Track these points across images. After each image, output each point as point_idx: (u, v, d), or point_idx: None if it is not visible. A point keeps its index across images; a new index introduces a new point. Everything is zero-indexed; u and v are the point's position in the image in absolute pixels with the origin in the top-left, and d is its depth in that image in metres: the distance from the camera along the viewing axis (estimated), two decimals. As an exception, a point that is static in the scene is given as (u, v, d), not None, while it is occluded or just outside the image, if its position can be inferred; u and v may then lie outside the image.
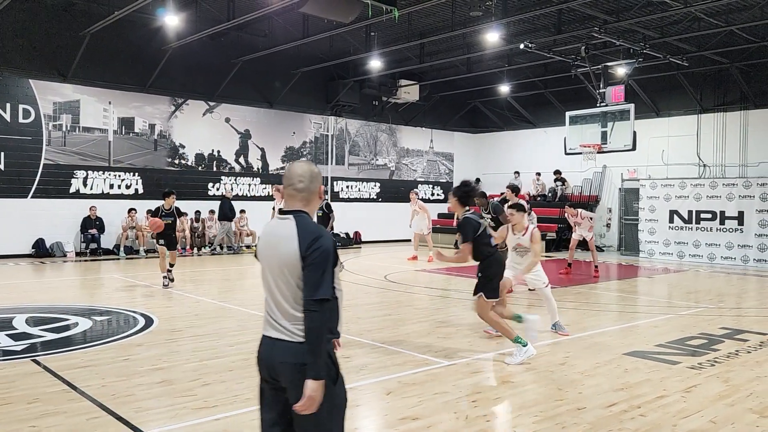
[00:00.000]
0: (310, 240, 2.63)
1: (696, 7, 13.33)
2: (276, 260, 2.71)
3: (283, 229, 2.73)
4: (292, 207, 2.79)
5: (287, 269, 2.66)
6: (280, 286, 2.70)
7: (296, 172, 2.80)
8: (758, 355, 6.63)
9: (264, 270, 2.79)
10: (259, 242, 2.86)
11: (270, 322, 2.75)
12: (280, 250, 2.69)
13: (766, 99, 18.38)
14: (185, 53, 17.38)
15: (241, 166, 19.61)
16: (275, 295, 2.72)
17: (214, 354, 6.44)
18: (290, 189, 2.80)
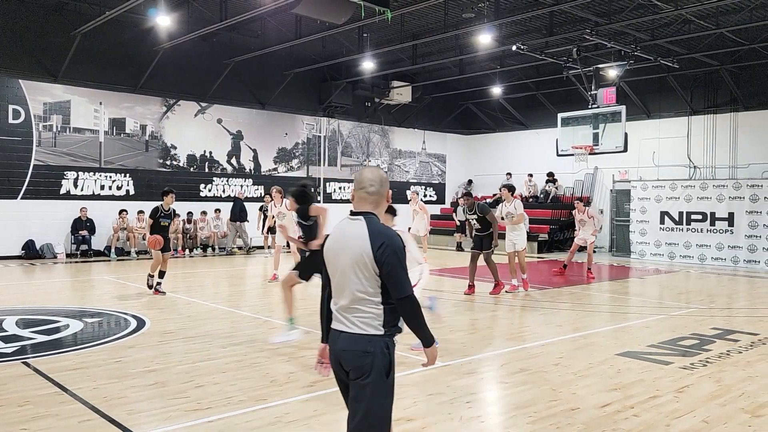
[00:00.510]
0: (381, 242, 2.82)
1: (686, 9, 13.42)
2: (347, 258, 2.89)
3: (354, 230, 2.92)
4: (362, 209, 2.97)
5: (358, 267, 2.85)
6: (350, 280, 2.88)
7: (368, 177, 2.99)
8: (749, 356, 6.68)
9: (331, 266, 2.99)
10: (328, 241, 3.04)
11: (336, 316, 2.96)
12: (351, 249, 2.88)
13: (755, 101, 18.54)
14: (177, 54, 17.31)
15: (233, 167, 19.56)
16: (343, 290, 2.92)
17: (206, 356, 6.41)
18: (362, 192, 2.98)
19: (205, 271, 14.44)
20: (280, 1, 12.50)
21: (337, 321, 2.95)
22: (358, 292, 2.87)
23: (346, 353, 2.87)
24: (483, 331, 7.91)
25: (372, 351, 2.82)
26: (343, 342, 2.88)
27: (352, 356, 2.85)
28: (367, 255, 2.82)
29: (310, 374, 5.72)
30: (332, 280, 3.00)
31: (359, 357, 2.83)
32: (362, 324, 2.86)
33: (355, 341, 2.85)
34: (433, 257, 17.50)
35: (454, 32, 15.78)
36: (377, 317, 2.86)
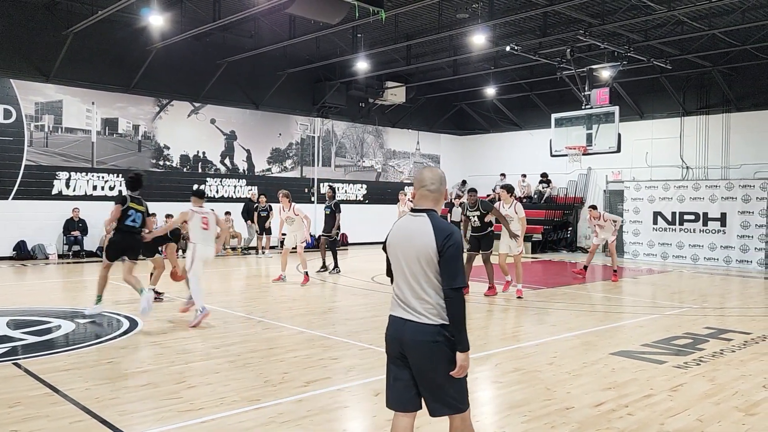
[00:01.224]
0: (445, 236, 3.04)
1: (679, 11, 13.47)
2: (412, 251, 3.09)
3: (417, 225, 3.13)
4: (423, 206, 3.19)
5: (422, 259, 3.06)
6: (414, 273, 3.10)
7: (428, 176, 3.22)
8: (742, 354, 6.69)
9: (396, 259, 3.19)
10: (391, 235, 3.25)
11: (400, 305, 3.16)
12: (415, 243, 3.09)
13: (747, 102, 18.63)
14: (170, 53, 17.24)
15: (227, 168, 19.49)
16: (408, 281, 3.12)
17: (199, 356, 6.37)
18: (423, 190, 3.20)
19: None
20: (274, 1, 12.47)
21: (401, 309, 3.15)
22: (425, 283, 3.07)
23: (414, 342, 3.07)
24: (477, 331, 7.90)
25: (440, 340, 3.05)
26: (410, 332, 3.08)
27: (420, 345, 3.06)
28: (432, 248, 3.03)
29: (304, 374, 5.69)
30: (394, 272, 3.22)
31: (428, 346, 3.05)
32: (429, 314, 3.07)
33: (423, 331, 3.06)
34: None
35: (448, 33, 15.79)
36: (444, 308, 3.06)
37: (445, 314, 3.06)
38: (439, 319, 3.06)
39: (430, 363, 3.06)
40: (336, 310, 9.19)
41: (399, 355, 3.17)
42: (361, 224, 22.50)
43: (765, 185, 16.55)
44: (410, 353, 3.10)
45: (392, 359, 3.24)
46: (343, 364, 6.12)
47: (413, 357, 3.10)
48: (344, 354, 6.52)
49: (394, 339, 3.18)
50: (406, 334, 3.10)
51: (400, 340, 3.14)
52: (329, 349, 6.68)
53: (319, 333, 7.50)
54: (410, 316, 3.10)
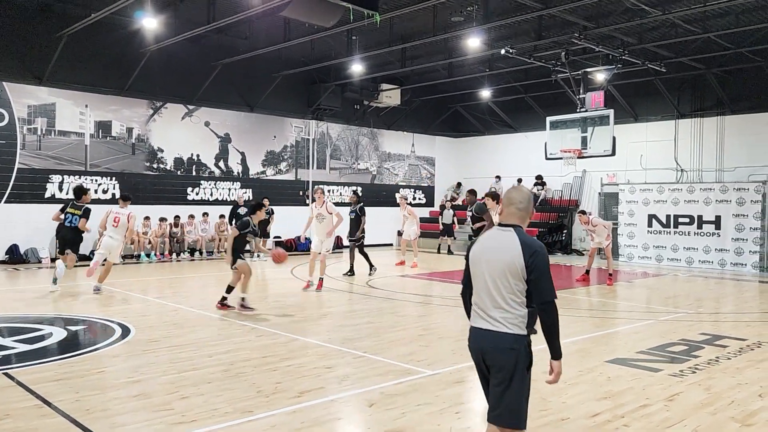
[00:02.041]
0: (532, 251, 3.22)
1: (674, 14, 13.48)
2: (498, 263, 3.28)
3: (505, 239, 3.32)
4: (510, 222, 3.41)
5: (508, 272, 3.24)
6: (497, 285, 3.28)
7: (517, 196, 3.45)
8: (738, 362, 6.67)
9: (479, 271, 3.36)
10: (476, 247, 3.44)
11: (480, 315, 3.35)
12: (502, 256, 3.27)
13: (742, 105, 18.67)
14: (164, 56, 17.15)
15: (221, 171, 19.42)
16: (490, 292, 3.30)
17: (192, 365, 6.30)
18: (512, 208, 3.43)
19: (192, 275, 14.30)
20: (268, 4, 12.41)
21: (481, 319, 3.34)
22: (507, 294, 3.26)
23: (492, 350, 3.27)
24: (472, 338, 7.86)
25: (517, 348, 3.23)
26: (489, 340, 3.28)
27: (499, 352, 3.25)
28: (519, 262, 3.21)
29: (297, 384, 5.64)
30: (476, 282, 3.39)
31: (506, 353, 3.23)
32: (509, 324, 3.25)
33: (501, 339, 3.24)
34: (423, 261, 17.47)
35: (444, 36, 15.75)
36: (522, 319, 3.26)
37: (523, 325, 3.25)
38: (516, 328, 3.24)
39: (505, 370, 3.24)
40: (331, 316, 9.14)
41: (484, 366, 3.36)
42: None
43: (759, 188, 16.58)
44: (489, 360, 3.30)
45: (480, 372, 3.44)
46: (337, 373, 6.07)
47: (492, 363, 3.29)
48: (338, 362, 6.47)
49: (476, 350, 3.37)
50: (486, 343, 3.30)
51: (481, 350, 3.34)
52: (324, 358, 6.63)
53: (314, 340, 7.45)
54: (489, 325, 3.30)
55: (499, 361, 3.24)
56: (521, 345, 3.23)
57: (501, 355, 3.23)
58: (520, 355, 3.22)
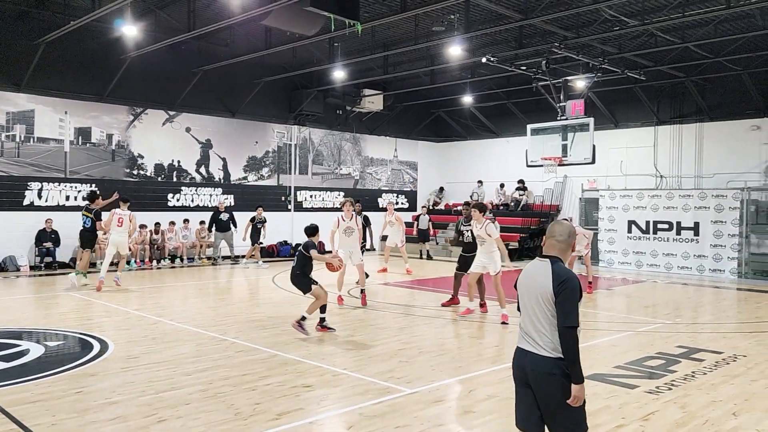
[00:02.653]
0: (561, 281, 3.49)
1: (652, 24, 13.65)
2: (534, 291, 3.59)
3: (541, 269, 3.62)
4: (550, 253, 3.68)
5: (542, 299, 3.54)
6: (535, 311, 3.57)
7: (558, 230, 3.74)
8: (713, 377, 6.77)
9: (522, 296, 3.70)
10: (521, 275, 3.76)
11: (524, 337, 3.66)
12: (537, 284, 3.58)
13: (720, 112, 18.95)
14: (144, 62, 17.02)
15: (202, 177, 19.30)
16: (531, 317, 3.61)
17: (170, 385, 6.26)
18: (552, 240, 3.72)
19: (172, 284, 14.19)
20: (249, 12, 12.37)
21: (524, 341, 3.65)
22: (543, 319, 3.54)
23: (534, 372, 3.55)
24: (452, 353, 7.90)
25: (556, 373, 3.47)
26: (530, 362, 3.57)
27: (539, 376, 3.52)
28: (549, 290, 3.50)
29: (276, 405, 5.63)
30: (522, 308, 3.71)
31: (545, 377, 3.49)
32: (547, 347, 3.51)
33: (541, 362, 3.51)
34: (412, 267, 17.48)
35: (425, 44, 15.81)
36: (558, 343, 3.47)
37: (560, 348, 3.47)
38: (555, 352, 3.49)
39: (548, 392, 3.50)
40: (310, 329, 9.11)
41: (524, 382, 3.63)
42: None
43: (737, 195, 16.83)
44: (532, 382, 3.56)
45: (519, 385, 3.70)
46: (316, 392, 6.06)
47: (535, 385, 3.56)
48: (317, 381, 6.46)
49: (520, 368, 3.66)
50: (527, 365, 3.58)
51: (523, 369, 3.62)
52: (303, 375, 6.62)
53: (292, 356, 7.43)
54: (530, 347, 3.58)
55: (544, 388, 3.52)
56: (559, 369, 3.46)
57: (544, 381, 3.51)
58: (562, 379, 3.46)
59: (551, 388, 3.47)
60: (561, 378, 3.45)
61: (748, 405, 5.86)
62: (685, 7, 13.34)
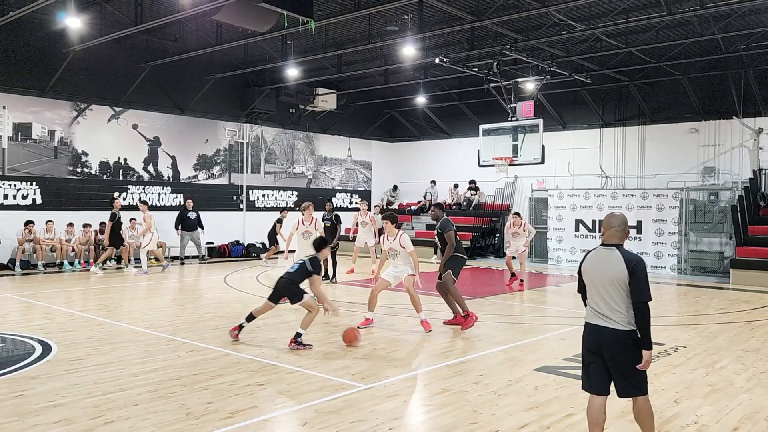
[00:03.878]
0: (633, 264, 4.13)
1: (598, 29, 14.06)
2: (607, 274, 4.19)
3: (610, 256, 4.22)
4: (612, 242, 4.28)
5: (616, 281, 4.14)
6: (609, 292, 4.18)
7: (616, 221, 4.31)
8: (655, 367, 7.00)
9: (592, 281, 4.29)
10: (587, 263, 4.36)
11: (596, 314, 4.27)
12: (610, 269, 4.17)
13: (661, 115, 19.67)
14: (89, 56, 16.50)
15: (150, 175, 18.82)
16: (603, 297, 4.21)
17: (117, 386, 6.08)
18: (612, 230, 4.29)
19: (119, 285, 13.79)
20: (199, 7, 12.14)
21: (597, 318, 4.25)
22: (617, 298, 4.15)
23: (609, 344, 4.18)
24: (407, 348, 7.95)
25: (629, 342, 4.15)
26: (605, 335, 4.19)
27: (615, 346, 4.16)
28: (624, 273, 4.11)
29: (228, 404, 5.54)
30: (590, 289, 4.32)
31: (621, 347, 4.15)
32: (622, 322, 4.15)
33: (617, 335, 4.15)
34: (362, 266, 17.46)
35: (379, 44, 15.85)
36: (631, 317, 4.13)
37: (632, 322, 4.12)
38: (629, 326, 4.14)
39: (622, 359, 4.15)
40: (264, 328, 9.01)
41: (596, 351, 4.25)
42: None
43: (677, 195, 17.52)
44: (607, 351, 4.19)
45: (589, 354, 4.32)
46: (270, 390, 6.00)
47: (609, 354, 4.18)
48: (271, 379, 6.39)
49: (593, 341, 4.28)
50: (603, 337, 4.20)
51: (597, 342, 4.24)
52: (255, 374, 6.54)
53: (246, 355, 7.33)
54: (606, 323, 4.19)
55: (618, 356, 4.17)
56: (632, 339, 4.14)
57: (619, 350, 4.16)
58: (634, 345, 4.14)
59: (625, 355, 4.14)
60: (633, 346, 4.14)
61: (687, 393, 6.10)
62: (629, 13, 13.80)
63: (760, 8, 13.56)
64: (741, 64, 17.35)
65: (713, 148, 18.65)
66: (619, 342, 4.15)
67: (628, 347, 4.15)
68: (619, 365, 4.18)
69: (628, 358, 4.16)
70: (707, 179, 18.64)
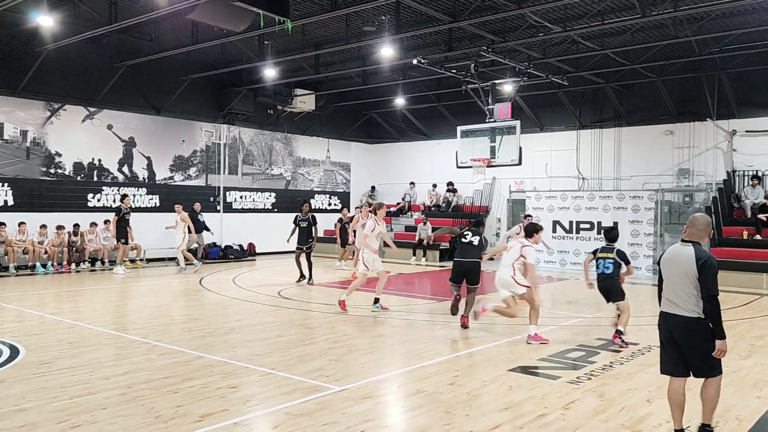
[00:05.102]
0: (702, 260, 4.52)
1: (574, 31, 14.17)
2: (680, 267, 4.62)
3: (686, 251, 4.65)
4: (692, 239, 4.71)
5: (687, 275, 4.56)
6: (681, 283, 4.60)
7: (697, 223, 4.74)
8: (630, 367, 7.06)
9: (668, 272, 4.72)
10: (666, 255, 4.80)
11: (669, 303, 4.69)
12: (683, 263, 4.61)
13: (637, 117, 19.89)
14: (63, 56, 16.24)
15: (125, 176, 18.55)
16: (675, 288, 4.64)
17: (86, 390, 5.95)
18: (693, 229, 4.74)
19: (92, 288, 13.56)
20: (174, 6, 11.99)
21: (671, 306, 4.67)
22: (688, 290, 4.56)
23: (680, 330, 4.60)
24: (383, 350, 7.91)
25: (698, 328, 4.54)
26: (677, 322, 4.61)
27: (686, 332, 4.58)
28: (693, 267, 4.52)
29: (199, 407, 5.45)
30: (666, 280, 4.74)
31: (692, 332, 4.56)
32: (689, 309, 4.56)
33: (688, 322, 4.56)
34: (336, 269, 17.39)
35: (356, 44, 15.81)
36: (698, 306, 4.53)
37: (700, 310, 4.51)
38: (694, 313, 4.53)
39: (694, 344, 4.56)
40: (238, 330, 8.91)
41: (669, 337, 4.68)
42: (269, 233, 22.12)
43: (652, 196, 17.72)
44: (680, 337, 4.60)
45: (665, 341, 4.74)
46: (241, 393, 5.92)
47: (682, 339, 4.60)
48: (243, 381, 6.31)
49: (667, 327, 4.69)
50: (676, 324, 4.61)
51: (670, 329, 4.66)
52: (228, 376, 6.44)
53: (219, 357, 7.23)
54: (678, 311, 4.61)
55: (689, 341, 4.58)
56: (702, 325, 4.51)
57: (690, 335, 4.56)
58: (704, 331, 4.51)
59: (696, 340, 4.54)
60: (703, 331, 4.50)
61: (660, 392, 6.12)
62: (604, 16, 13.93)
63: (733, 11, 13.79)
64: (715, 67, 17.60)
65: (688, 149, 18.91)
66: (688, 328, 4.56)
67: (696, 333, 4.54)
68: (690, 349, 4.59)
69: (696, 342, 4.56)
70: (682, 181, 18.88)
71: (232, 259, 19.87)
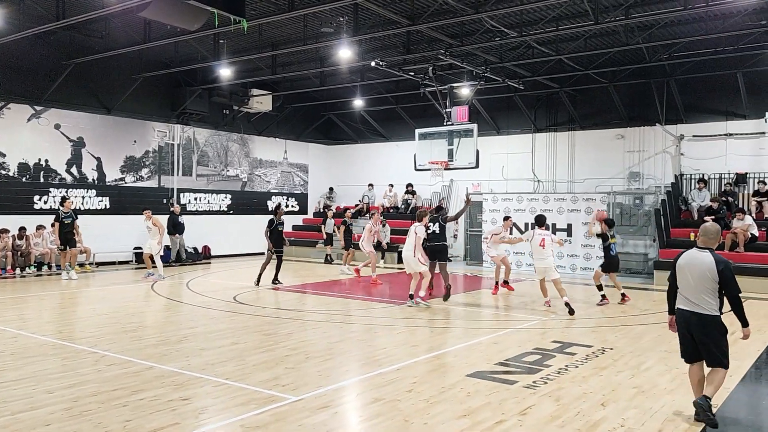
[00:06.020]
0: (722, 265, 5.30)
1: (530, 36, 14.35)
2: (700, 270, 5.36)
3: (704, 257, 5.40)
4: (705, 245, 5.50)
5: (706, 278, 5.31)
6: (699, 285, 5.36)
7: (711, 230, 5.56)
8: (584, 370, 7.16)
9: (685, 275, 5.47)
10: (682, 259, 5.53)
11: (688, 302, 5.46)
12: (704, 267, 5.34)
13: (589, 121, 20.31)
14: (7, 52, 15.59)
15: (74, 177, 17.93)
16: (695, 289, 5.39)
17: (28, 404, 5.68)
18: (705, 237, 5.52)
19: (38, 294, 13.04)
20: (126, 3, 11.62)
21: (688, 303, 5.46)
22: (707, 290, 5.33)
23: (698, 325, 5.40)
24: (340, 357, 7.81)
25: (713, 325, 5.36)
26: (695, 318, 5.40)
27: (703, 327, 5.38)
28: (713, 271, 5.29)
29: (148, 421, 5.26)
30: (682, 282, 5.50)
31: (708, 328, 5.37)
32: (709, 308, 5.35)
33: (704, 319, 5.36)
34: (302, 270, 17.20)
35: (314, 45, 15.65)
36: (717, 306, 5.35)
37: (716, 309, 5.35)
38: (713, 312, 5.35)
39: (708, 338, 5.38)
40: (192, 338, 8.68)
41: (687, 330, 5.48)
42: (225, 236, 21.77)
43: (604, 198, 18.11)
44: (696, 332, 5.42)
45: (683, 333, 5.54)
46: (194, 405, 5.74)
47: (698, 333, 5.41)
48: (197, 393, 6.13)
49: (685, 322, 5.48)
50: (693, 321, 5.41)
51: (688, 323, 5.45)
52: (180, 388, 6.25)
53: (170, 368, 7.02)
54: (695, 309, 5.40)
55: (705, 334, 5.38)
56: (715, 322, 5.35)
57: (706, 330, 5.37)
58: (718, 327, 5.36)
59: (711, 335, 5.36)
60: (716, 326, 5.34)
61: (614, 395, 6.23)
62: (559, 22, 14.16)
63: (682, 20, 14.20)
64: (664, 73, 18.11)
65: (638, 153, 19.40)
66: (705, 324, 5.34)
67: (711, 328, 5.33)
68: (704, 342, 5.38)
69: (710, 337, 5.35)
70: (633, 183, 19.36)
71: (186, 262, 19.43)
